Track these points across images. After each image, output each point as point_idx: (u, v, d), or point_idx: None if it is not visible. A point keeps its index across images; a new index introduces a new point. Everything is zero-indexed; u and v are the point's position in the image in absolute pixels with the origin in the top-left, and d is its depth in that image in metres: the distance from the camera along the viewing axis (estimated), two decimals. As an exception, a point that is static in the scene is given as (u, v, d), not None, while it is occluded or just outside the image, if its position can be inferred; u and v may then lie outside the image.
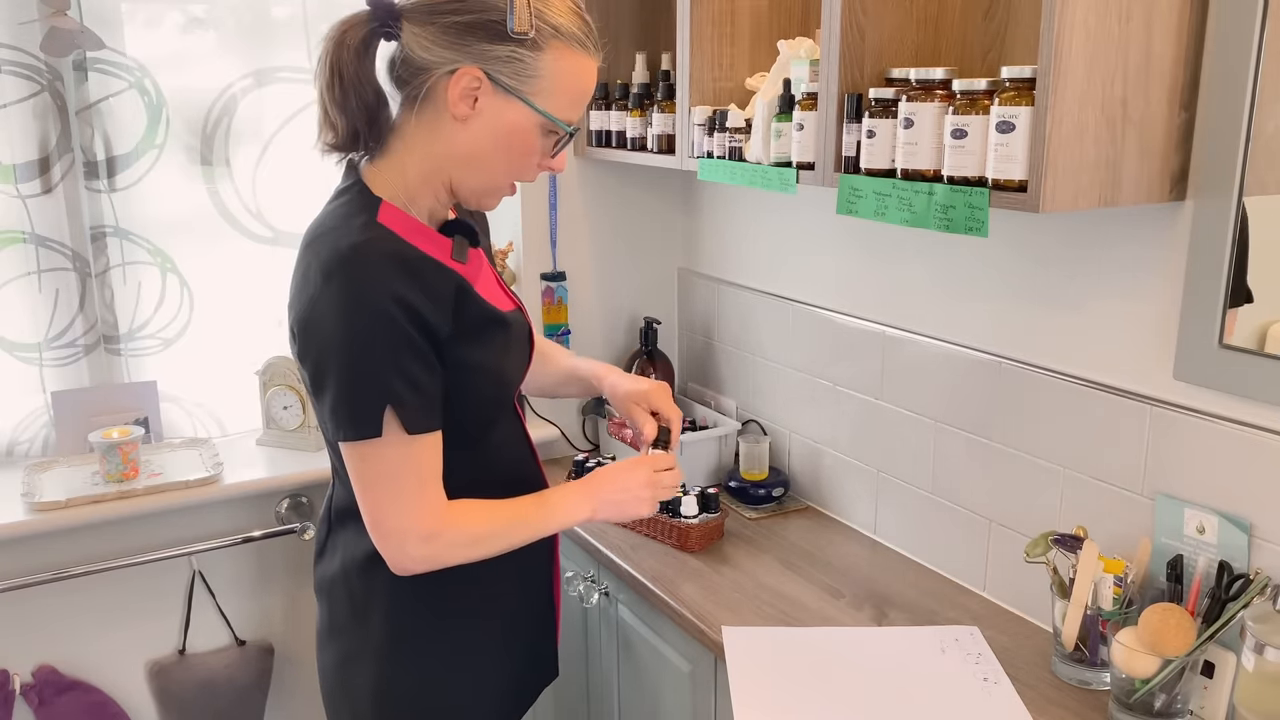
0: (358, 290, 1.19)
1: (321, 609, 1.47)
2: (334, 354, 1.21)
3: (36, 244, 2.04)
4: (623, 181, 2.35)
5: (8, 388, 2.09)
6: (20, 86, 1.97)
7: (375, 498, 1.26)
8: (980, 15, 1.57)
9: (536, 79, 1.24)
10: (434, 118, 1.26)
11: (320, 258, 1.22)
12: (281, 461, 2.14)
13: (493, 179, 1.31)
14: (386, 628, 1.39)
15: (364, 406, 1.21)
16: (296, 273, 1.29)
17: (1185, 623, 1.29)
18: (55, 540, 1.96)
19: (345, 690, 1.44)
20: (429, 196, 1.31)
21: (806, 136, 1.58)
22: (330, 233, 1.25)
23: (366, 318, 1.19)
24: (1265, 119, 1.25)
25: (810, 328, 2.05)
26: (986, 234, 1.28)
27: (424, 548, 1.28)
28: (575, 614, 2.04)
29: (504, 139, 1.26)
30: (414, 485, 1.26)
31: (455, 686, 1.44)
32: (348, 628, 1.42)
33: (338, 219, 1.27)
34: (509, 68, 1.22)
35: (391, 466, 1.25)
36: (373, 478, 1.25)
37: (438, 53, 1.22)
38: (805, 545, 1.91)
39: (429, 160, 1.28)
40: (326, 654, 1.47)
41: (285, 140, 2.21)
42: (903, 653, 1.54)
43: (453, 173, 1.29)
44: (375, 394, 1.21)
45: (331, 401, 1.23)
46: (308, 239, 1.29)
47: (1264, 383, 1.29)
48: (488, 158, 1.28)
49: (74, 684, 2.03)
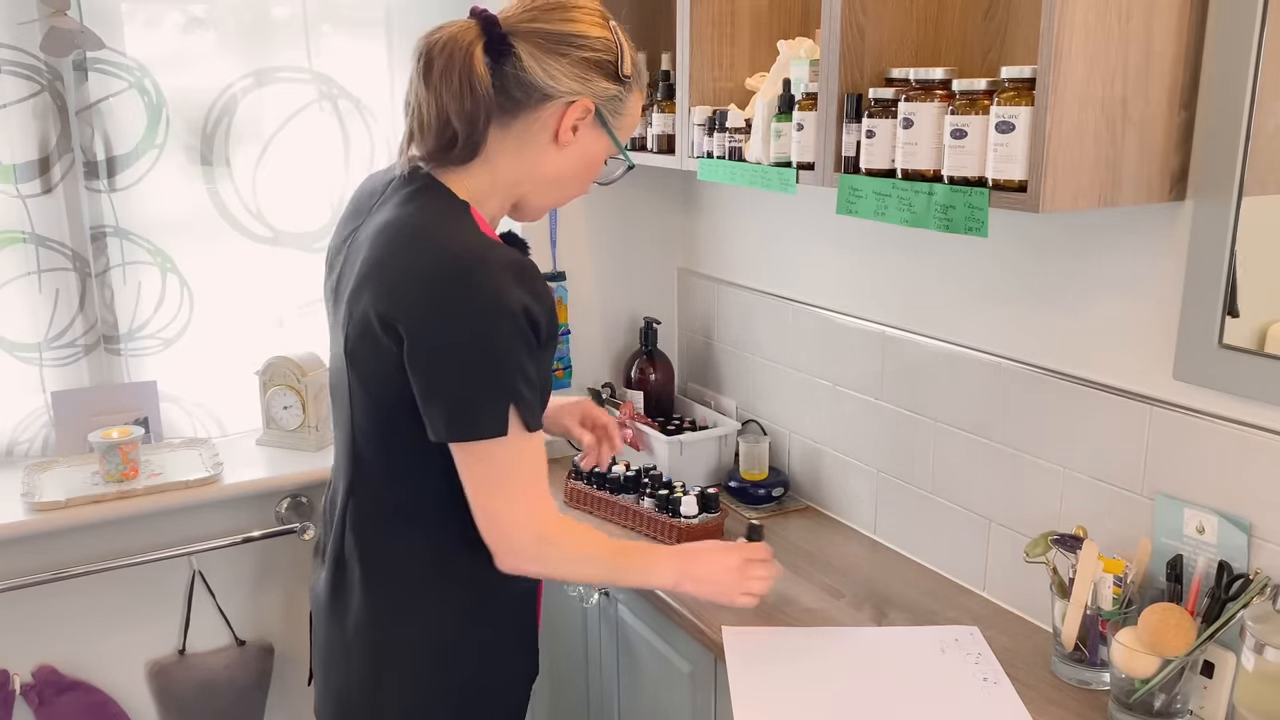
0: (491, 296, 1.21)
1: (340, 625, 1.41)
2: (461, 355, 1.22)
3: (36, 244, 2.04)
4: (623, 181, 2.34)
5: (8, 388, 2.09)
6: (20, 86, 1.97)
7: (492, 496, 1.28)
8: (980, 15, 1.56)
9: (623, 116, 1.38)
10: (530, 137, 1.32)
11: (438, 258, 1.23)
12: (281, 461, 2.14)
13: (560, 199, 1.43)
14: (428, 638, 1.38)
15: (491, 405, 1.24)
16: (385, 269, 1.26)
17: (1185, 623, 1.29)
18: (55, 540, 1.96)
19: (374, 703, 1.40)
20: (495, 203, 1.37)
21: (806, 136, 1.58)
22: (438, 232, 1.26)
23: (497, 321, 1.22)
24: (1265, 119, 1.25)
25: (810, 328, 2.05)
26: (986, 234, 1.28)
27: (539, 547, 1.31)
28: (575, 614, 2.04)
29: (586, 166, 1.38)
30: (532, 483, 1.30)
31: (471, 700, 1.43)
32: (379, 640, 1.38)
33: (440, 218, 1.28)
34: (611, 105, 1.35)
35: (511, 465, 1.28)
36: (494, 477, 1.27)
37: (565, 82, 1.29)
38: (805, 545, 1.91)
39: (511, 174, 1.34)
40: (350, 667, 1.41)
41: (285, 140, 2.21)
42: (903, 653, 1.54)
43: (529, 189, 1.37)
44: (501, 393, 1.24)
45: (453, 402, 1.24)
46: (402, 235, 1.27)
47: (1264, 383, 1.29)
48: (567, 181, 1.39)
49: (74, 684, 2.03)
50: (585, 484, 2.03)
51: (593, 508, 2.03)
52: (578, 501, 2.05)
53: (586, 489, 2.03)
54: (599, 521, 2.00)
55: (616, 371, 2.44)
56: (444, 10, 2.24)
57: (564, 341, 2.32)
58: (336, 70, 2.23)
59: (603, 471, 2.00)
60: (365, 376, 1.30)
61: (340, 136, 2.26)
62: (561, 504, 2.07)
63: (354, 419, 1.35)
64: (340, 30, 2.23)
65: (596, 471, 2.01)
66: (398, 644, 1.38)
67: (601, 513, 2.01)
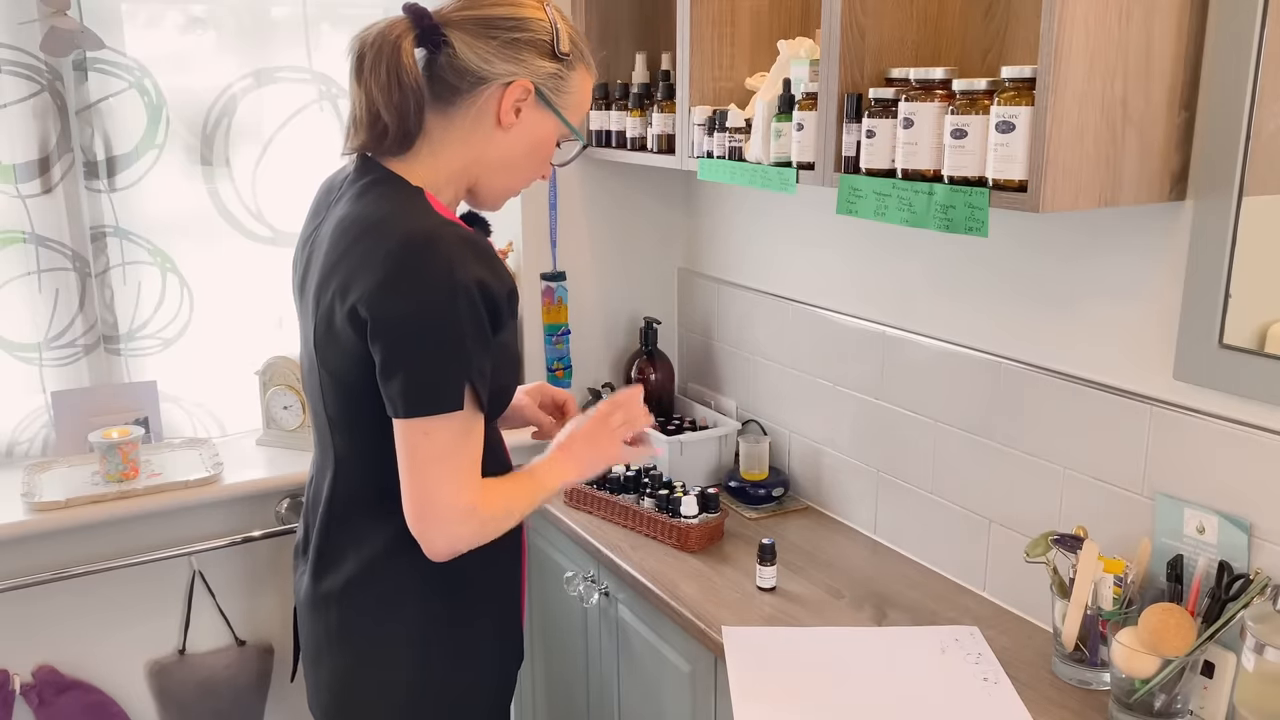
0: (446, 271, 1.23)
1: (325, 617, 1.44)
2: (419, 332, 1.24)
3: (36, 244, 2.04)
4: (623, 181, 2.35)
5: (8, 388, 2.09)
6: (20, 86, 1.97)
7: (432, 474, 1.28)
8: (980, 15, 1.57)
9: (567, 95, 1.38)
10: (474, 123, 1.35)
11: (395, 239, 1.25)
12: (281, 461, 2.14)
13: (515, 182, 1.43)
14: (406, 628, 1.40)
15: (448, 381, 1.25)
16: (347, 259, 1.28)
17: (1185, 623, 1.29)
18: (55, 540, 1.95)
19: (366, 693, 1.42)
20: (451, 190, 1.39)
21: (806, 136, 1.58)
22: (393, 217, 1.28)
23: (453, 296, 1.23)
24: (1265, 119, 1.25)
25: (810, 328, 2.05)
26: (986, 234, 1.28)
27: (468, 523, 1.31)
28: (575, 614, 2.04)
29: (534, 147, 1.39)
30: (468, 462, 1.30)
31: (462, 684, 1.44)
32: (364, 630, 1.41)
33: (389, 206, 1.30)
34: (552, 83, 1.36)
35: (454, 443, 1.28)
36: (433, 454, 1.27)
37: (498, 65, 1.32)
38: (805, 545, 1.91)
39: (459, 160, 1.37)
40: (337, 659, 1.44)
41: (285, 140, 2.21)
42: (903, 653, 1.54)
43: (481, 174, 1.39)
44: (459, 369, 1.25)
45: (408, 377, 1.24)
46: (348, 224, 1.31)
47: (1264, 383, 1.29)
48: (519, 163, 1.40)
49: (74, 684, 2.03)
50: (585, 484, 2.03)
51: (593, 508, 2.03)
52: (578, 501, 2.05)
53: (587, 489, 2.03)
54: (599, 521, 2.00)
55: (616, 371, 2.44)
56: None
57: (564, 341, 2.32)
58: (337, 70, 2.23)
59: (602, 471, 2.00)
60: (334, 368, 1.32)
61: (340, 136, 2.26)
62: (562, 503, 2.08)
63: (327, 412, 1.38)
64: (340, 30, 2.23)
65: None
66: (382, 633, 1.40)
67: (601, 513, 2.01)
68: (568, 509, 2.06)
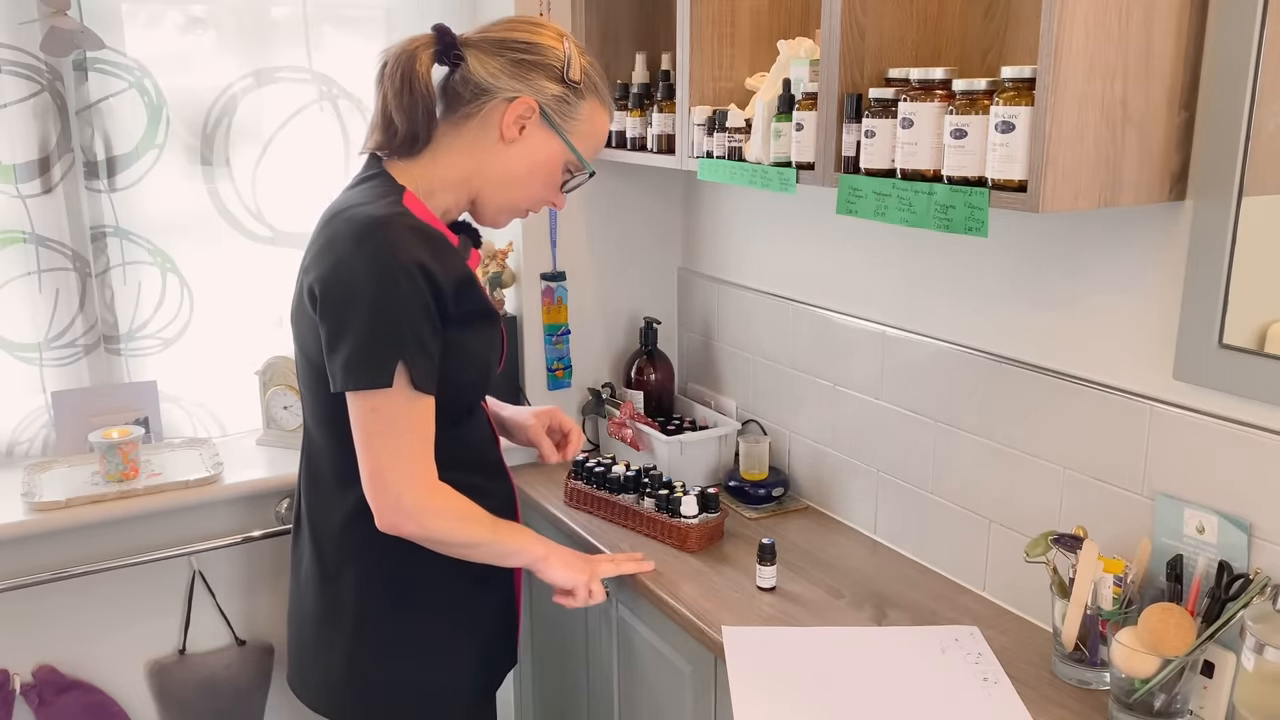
0: (386, 253, 1.30)
1: (295, 575, 1.57)
2: (356, 309, 1.30)
3: (36, 244, 2.04)
4: (623, 181, 2.35)
5: (8, 388, 2.09)
6: (20, 86, 1.97)
7: (378, 449, 1.34)
8: (980, 15, 1.57)
9: (575, 121, 1.45)
10: (479, 135, 1.43)
11: (349, 226, 1.33)
12: (281, 461, 2.14)
13: (516, 200, 1.49)
14: (354, 607, 1.48)
15: (380, 357, 1.31)
16: (316, 244, 1.39)
17: (1185, 623, 1.29)
18: (55, 540, 1.95)
19: (357, 673, 1.52)
20: (448, 197, 1.46)
21: (806, 136, 1.58)
22: (356, 208, 1.36)
23: (391, 277, 1.30)
24: (1265, 119, 1.25)
25: (810, 328, 2.05)
26: (986, 234, 1.28)
27: (417, 503, 1.36)
28: (575, 614, 2.04)
29: (537, 167, 1.46)
30: (414, 441, 1.35)
31: (422, 678, 1.52)
32: (355, 611, 1.49)
33: (364, 197, 1.39)
34: (558, 106, 1.43)
35: (396, 420, 1.34)
36: (378, 429, 1.34)
37: (504, 81, 1.41)
38: (805, 545, 1.91)
39: (461, 169, 1.44)
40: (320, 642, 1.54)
41: (285, 140, 2.21)
42: (903, 653, 1.54)
43: (483, 187, 1.46)
44: (391, 346, 1.31)
45: (347, 353, 1.31)
46: (330, 214, 1.41)
47: (1263, 383, 1.29)
48: (519, 181, 1.46)
49: (74, 684, 2.03)
50: (585, 484, 2.03)
51: (593, 508, 2.03)
52: (578, 501, 2.05)
53: (586, 489, 2.03)
54: (599, 521, 2.00)
55: (616, 371, 2.44)
56: (444, 10, 2.25)
57: (564, 341, 2.33)
58: (336, 70, 2.23)
59: (603, 471, 2.00)
60: (303, 346, 1.42)
61: (340, 136, 2.26)
62: (562, 504, 2.08)
63: (302, 393, 1.48)
64: (340, 30, 2.23)
65: (598, 471, 2.01)
66: (368, 615, 1.48)
67: (601, 513, 2.01)
68: (568, 509, 2.06)
